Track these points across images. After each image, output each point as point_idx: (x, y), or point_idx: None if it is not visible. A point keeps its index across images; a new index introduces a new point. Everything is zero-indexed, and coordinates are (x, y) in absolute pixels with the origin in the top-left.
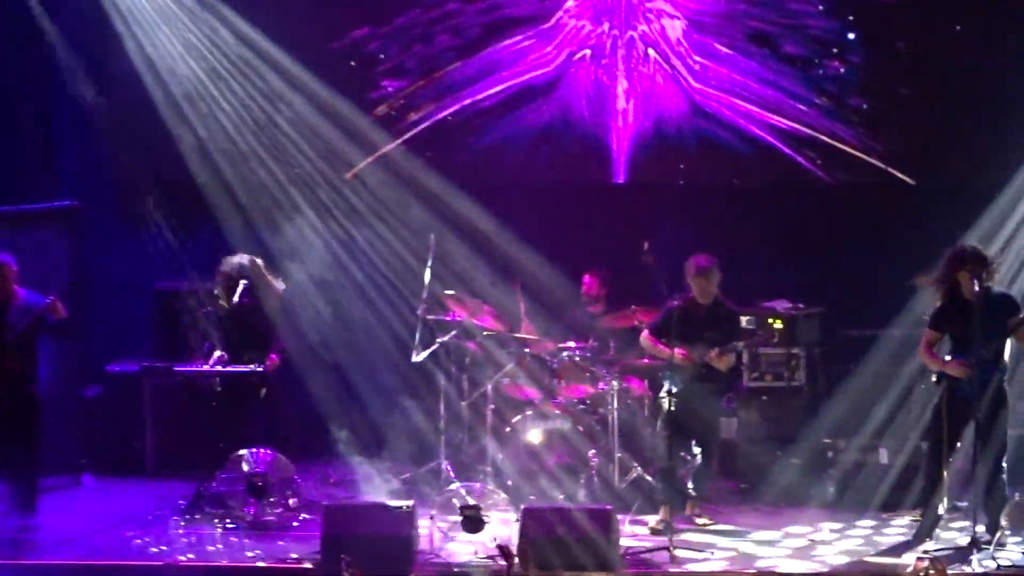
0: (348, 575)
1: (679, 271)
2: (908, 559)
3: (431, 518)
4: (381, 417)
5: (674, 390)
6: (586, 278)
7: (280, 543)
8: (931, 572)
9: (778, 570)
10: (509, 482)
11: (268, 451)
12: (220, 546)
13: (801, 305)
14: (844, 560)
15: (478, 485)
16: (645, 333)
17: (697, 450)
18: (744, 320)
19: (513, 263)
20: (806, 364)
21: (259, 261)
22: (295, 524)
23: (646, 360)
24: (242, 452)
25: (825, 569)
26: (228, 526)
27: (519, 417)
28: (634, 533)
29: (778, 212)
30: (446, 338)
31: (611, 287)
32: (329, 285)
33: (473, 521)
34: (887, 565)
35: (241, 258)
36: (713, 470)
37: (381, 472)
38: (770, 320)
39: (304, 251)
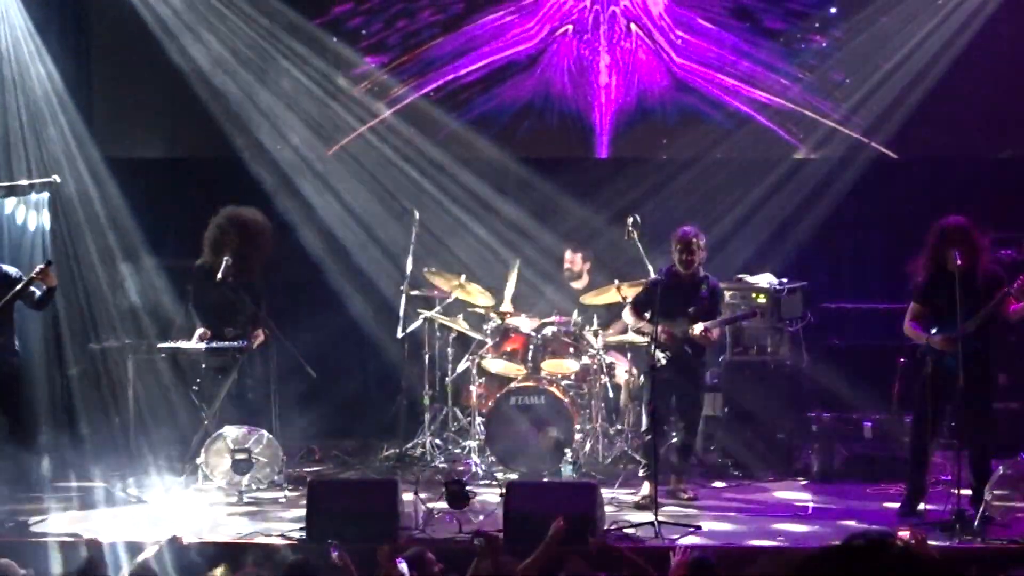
0: (338, 562)
1: (662, 246)
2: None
3: (415, 493)
4: (365, 393)
5: (657, 365)
6: (568, 253)
7: (265, 518)
8: (912, 544)
9: (764, 545)
10: (492, 458)
11: (252, 427)
12: (205, 521)
13: (784, 279)
14: (829, 534)
15: (462, 460)
16: (628, 308)
17: (680, 425)
18: (728, 295)
19: (496, 239)
20: (790, 338)
21: (244, 220)
22: (280, 500)
23: (630, 335)
24: (227, 428)
25: (811, 544)
26: (213, 502)
27: (502, 393)
28: (619, 508)
29: (761, 186)
30: (429, 314)
31: (594, 262)
32: (312, 261)
33: (457, 496)
34: None
35: (224, 215)
36: (697, 445)
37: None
38: (753, 295)
39: (288, 227)
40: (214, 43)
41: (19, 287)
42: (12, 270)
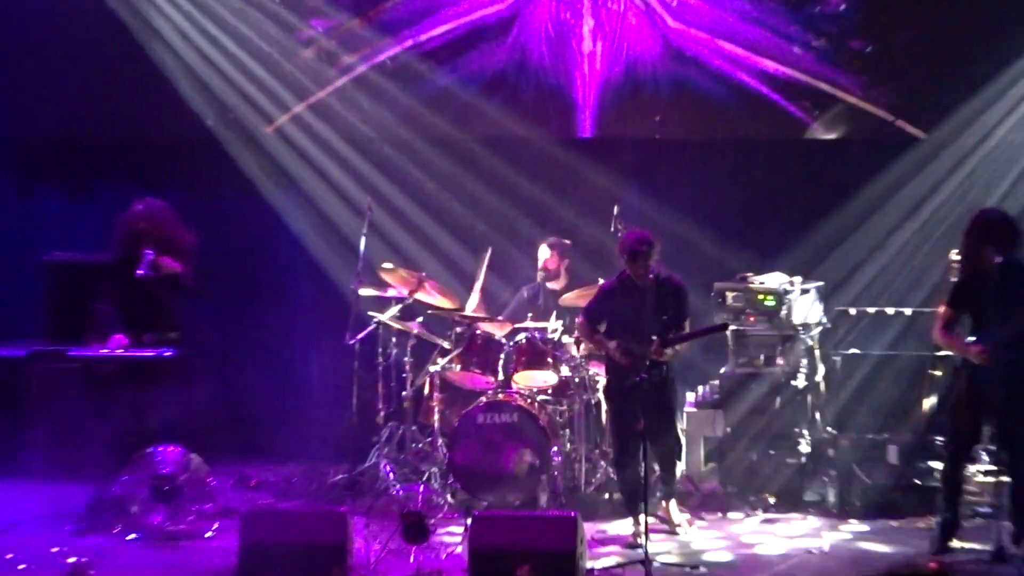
0: None
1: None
2: None
3: (366, 526)
4: (309, 409)
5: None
6: (544, 249)
7: (190, 556)
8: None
9: None
10: (457, 485)
11: (177, 448)
12: (122, 560)
13: (796, 279)
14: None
15: (421, 488)
16: (580, 319)
17: (655, 458)
18: (730, 297)
19: (461, 231)
20: (803, 347)
21: (166, 208)
22: (209, 533)
23: None
24: (147, 450)
25: None
26: (131, 536)
27: (469, 410)
28: (603, 544)
29: (769, 171)
30: (384, 317)
31: (574, 259)
32: (249, 257)
33: (415, 530)
34: None
35: (144, 205)
36: (677, 473)
37: None
38: (760, 297)
39: (221, 218)
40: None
41: None
42: None
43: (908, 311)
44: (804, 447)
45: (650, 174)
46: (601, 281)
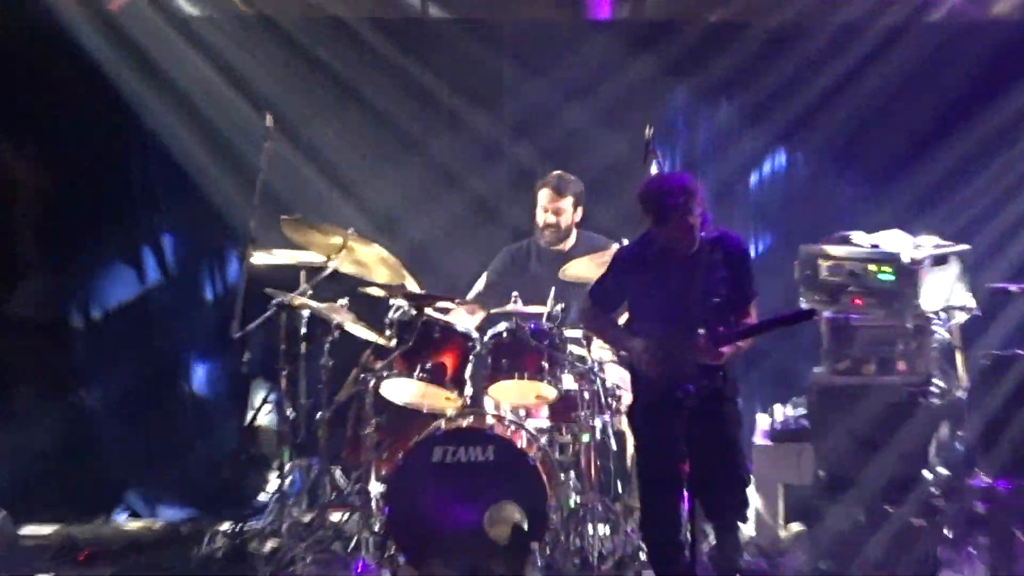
0: None
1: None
2: None
3: None
4: (176, 438)
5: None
6: (546, 196)
7: None
8: None
9: None
10: (401, 557)
11: None
12: None
13: (928, 239)
14: None
15: (343, 557)
16: (585, 303)
17: (712, 522)
18: (824, 267)
19: (415, 162)
20: (938, 345)
21: None
22: None
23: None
24: None
25: None
26: None
27: (420, 441)
28: None
29: (879, 70)
30: (290, 298)
31: (588, 208)
32: (86, 202)
33: None
34: None
35: None
36: (743, 538)
37: None
38: (872, 267)
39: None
40: None
41: None
42: None
43: None
44: (939, 500)
45: (701, 76)
46: (626, 243)
